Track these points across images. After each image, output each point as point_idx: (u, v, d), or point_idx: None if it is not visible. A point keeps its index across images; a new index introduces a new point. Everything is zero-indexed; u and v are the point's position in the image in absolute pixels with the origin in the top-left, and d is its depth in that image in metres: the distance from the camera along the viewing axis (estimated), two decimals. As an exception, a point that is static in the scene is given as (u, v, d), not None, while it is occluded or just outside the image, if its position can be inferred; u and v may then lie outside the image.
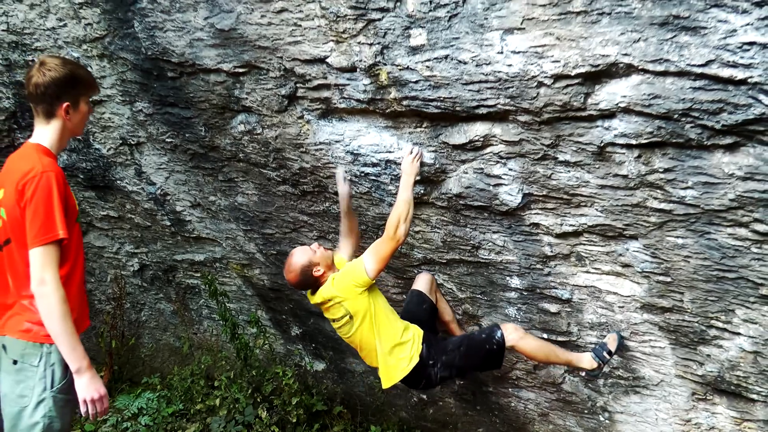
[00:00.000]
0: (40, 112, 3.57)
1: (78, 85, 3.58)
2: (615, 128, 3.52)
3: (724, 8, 2.93)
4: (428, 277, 5.07)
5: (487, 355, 4.65)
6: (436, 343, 4.73)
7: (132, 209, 6.51)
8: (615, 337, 4.62)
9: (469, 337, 4.75)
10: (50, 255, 3.32)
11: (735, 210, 3.49)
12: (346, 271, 4.43)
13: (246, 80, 4.62)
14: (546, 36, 3.40)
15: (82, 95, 3.63)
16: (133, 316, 7.74)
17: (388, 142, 4.42)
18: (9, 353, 3.53)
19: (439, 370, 4.66)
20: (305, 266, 4.47)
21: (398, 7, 3.74)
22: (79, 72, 3.62)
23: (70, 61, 3.67)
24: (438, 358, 4.64)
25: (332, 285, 4.42)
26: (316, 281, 4.53)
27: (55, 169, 3.46)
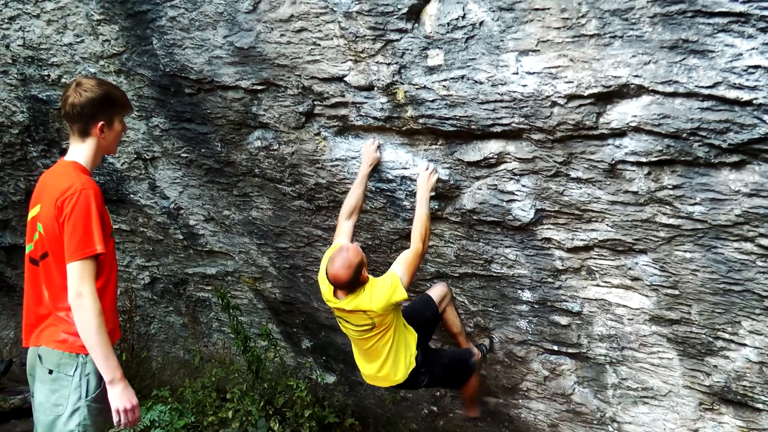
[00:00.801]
0: (76, 130, 3.65)
1: (113, 105, 3.67)
2: (626, 146, 3.62)
3: (731, 33, 3.02)
4: (444, 288, 5.11)
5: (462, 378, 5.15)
6: (427, 350, 4.93)
7: (144, 223, 6.56)
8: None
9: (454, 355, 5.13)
10: (88, 269, 3.40)
11: (741, 225, 3.58)
12: (385, 287, 4.38)
13: (264, 97, 4.70)
14: (560, 57, 3.50)
15: (116, 114, 3.70)
16: (143, 329, 7.76)
17: (403, 158, 4.51)
18: (45, 363, 3.58)
19: (427, 379, 4.90)
20: (360, 265, 4.34)
21: (416, 28, 3.84)
22: (114, 92, 3.71)
23: (105, 82, 3.76)
24: (430, 366, 4.85)
25: (370, 300, 4.38)
26: (361, 282, 4.42)
27: (93, 186, 3.55)
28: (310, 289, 6.08)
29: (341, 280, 4.33)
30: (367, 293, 4.40)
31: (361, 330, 4.57)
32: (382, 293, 4.38)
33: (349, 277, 4.30)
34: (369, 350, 4.70)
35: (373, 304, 4.37)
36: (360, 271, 4.33)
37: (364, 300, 4.40)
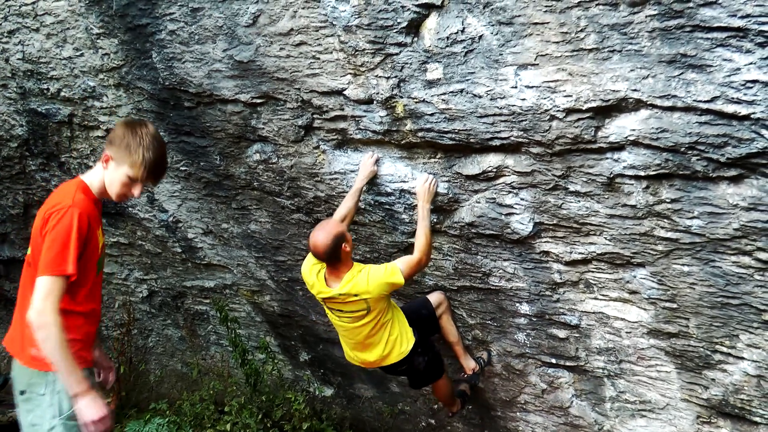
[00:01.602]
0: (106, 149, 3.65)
1: (128, 152, 3.53)
2: (624, 160, 3.64)
3: (729, 48, 3.05)
4: (441, 296, 5.16)
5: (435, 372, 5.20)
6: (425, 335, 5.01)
7: (143, 236, 6.56)
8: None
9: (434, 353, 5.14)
10: (55, 287, 3.32)
11: (739, 239, 3.59)
12: (382, 273, 4.43)
13: (263, 111, 4.72)
14: (559, 71, 3.52)
15: (124, 162, 3.55)
16: (141, 342, 7.75)
17: (402, 172, 4.53)
18: (17, 384, 3.56)
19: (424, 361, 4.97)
20: (340, 236, 4.34)
21: (416, 42, 3.87)
22: (140, 150, 3.53)
23: (150, 140, 3.57)
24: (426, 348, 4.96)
25: (367, 281, 4.41)
26: (339, 257, 4.41)
27: (84, 207, 3.49)
28: (309, 302, 6.08)
29: (319, 249, 4.34)
30: (362, 278, 4.43)
31: (356, 317, 4.58)
32: (378, 275, 4.43)
33: (328, 244, 4.31)
34: (368, 336, 4.70)
35: (369, 285, 4.41)
36: (340, 243, 4.35)
37: (360, 282, 4.42)
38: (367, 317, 4.57)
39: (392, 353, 4.79)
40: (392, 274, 4.42)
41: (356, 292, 4.44)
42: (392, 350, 4.77)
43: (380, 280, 4.42)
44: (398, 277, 4.42)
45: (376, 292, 4.43)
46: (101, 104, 5.46)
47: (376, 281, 4.42)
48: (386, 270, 4.44)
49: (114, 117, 5.48)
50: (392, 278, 4.42)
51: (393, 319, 4.72)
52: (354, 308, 4.53)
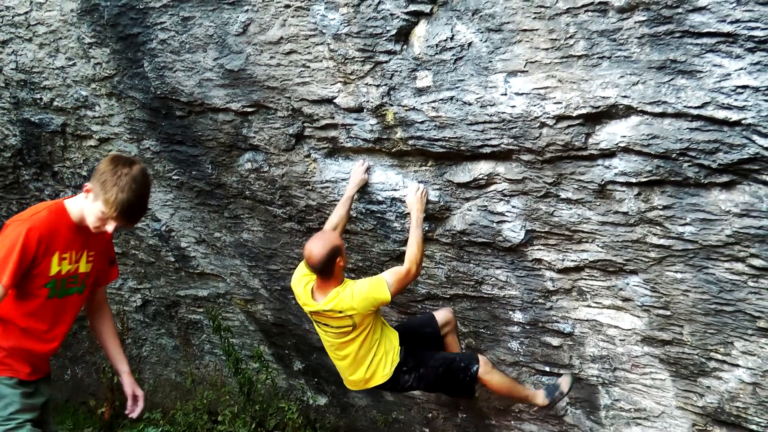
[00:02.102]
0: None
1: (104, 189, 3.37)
2: (615, 167, 3.62)
3: (719, 53, 3.04)
4: (450, 315, 5.03)
5: (459, 384, 4.80)
6: (414, 351, 4.78)
7: (136, 245, 6.55)
8: (569, 380, 4.83)
9: (449, 362, 4.79)
10: None
11: (732, 245, 3.58)
12: (367, 288, 4.31)
13: (254, 119, 4.71)
14: (548, 78, 3.51)
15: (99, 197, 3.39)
16: (135, 351, 7.73)
17: (393, 180, 4.51)
18: None
19: (413, 380, 4.75)
20: (337, 249, 4.27)
21: (405, 50, 3.86)
22: (115, 191, 3.35)
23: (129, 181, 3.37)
24: (414, 368, 4.72)
25: (352, 297, 4.30)
26: (332, 271, 4.32)
27: (41, 227, 3.42)
28: (302, 311, 6.01)
29: (314, 259, 4.25)
30: (348, 292, 4.33)
31: (342, 332, 4.50)
32: (363, 290, 4.31)
33: (323, 255, 4.22)
34: (353, 354, 4.61)
35: (354, 301, 4.30)
36: (335, 256, 4.26)
37: (345, 299, 4.32)
38: (352, 334, 4.47)
39: (375, 376, 4.68)
40: (377, 289, 4.30)
41: (341, 309, 4.35)
42: (375, 373, 4.66)
43: (365, 294, 4.30)
44: (384, 292, 4.29)
45: (361, 308, 4.32)
46: (94, 114, 5.46)
47: (360, 296, 4.30)
48: (371, 285, 4.31)
49: (106, 126, 5.47)
50: (377, 293, 4.30)
51: (381, 338, 4.60)
52: (339, 324, 4.45)
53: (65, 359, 8.14)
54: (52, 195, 6.44)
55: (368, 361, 4.61)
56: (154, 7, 4.50)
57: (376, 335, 4.55)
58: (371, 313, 4.41)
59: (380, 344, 4.59)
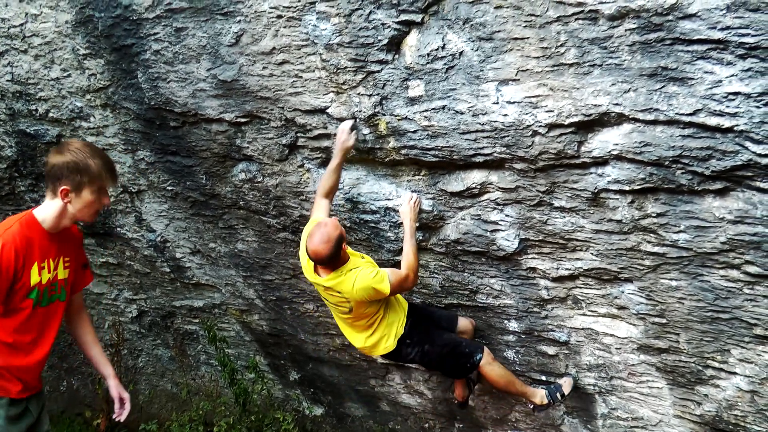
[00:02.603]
0: (47, 187, 3.53)
1: (82, 174, 3.45)
2: (608, 175, 3.61)
3: (710, 60, 3.04)
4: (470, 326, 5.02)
5: (459, 368, 4.81)
6: (423, 327, 4.76)
7: (131, 256, 6.54)
8: (570, 382, 4.83)
9: (455, 345, 4.76)
10: None
11: (727, 252, 3.57)
12: (370, 279, 4.23)
13: (247, 130, 4.70)
14: (540, 87, 3.51)
15: (85, 184, 3.47)
16: (131, 362, 7.71)
17: (387, 189, 4.51)
18: None
19: (415, 354, 4.73)
20: (339, 239, 4.17)
21: (397, 59, 3.85)
22: (89, 161, 3.46)
23: (88, 150, 3.51)
24: (418, 342, 4.70)
25: (352, 287, 4.23)
26: (339, 257, 4.24)
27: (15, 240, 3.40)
28: (297, 322, 6.06)
29: (321, 256, 4.17)
30: (350, 279, 4.26)
31: (341, 310, 4.48)
32: (365, 279, 4.23)
33: (329, 251, 4.14)
34: (354, 324, 4.59)
35: (354, 288, 4.24)
36: (339, 246, 4.18)
37: (346, 285, 4.26)
38: (349, 314, 4.46)
39: (377, 346, 4.65)
40: (380, 281, 4.24)
41: (339, 290, 4.31)
42: (377, 343, 4.63)
43: (365, 284, 4.23)
44: (385, 285, 4.25)
45: (359, 296, 4.27)
46: (88, 125, 5.45)
47: (361, 285, 4.23)
48: (374, 277, 4.24)
49: (101, 137, 5.46)
50: (379, 284, 4.24)
51: (385, 312, 4.56)
52: (337, 302, 4.42)
53: (61, 370, 8.12)
54: (48, 206, 6.43)
55: (369, 332, 4.60)
56: (148, 18, 4.50)
57: (377, 311, 4.51)
58: (365, 302, 4.36)
59: (383, 318, 4.56)
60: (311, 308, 5.83)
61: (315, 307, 5.80)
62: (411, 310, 4.75)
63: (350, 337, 4.73)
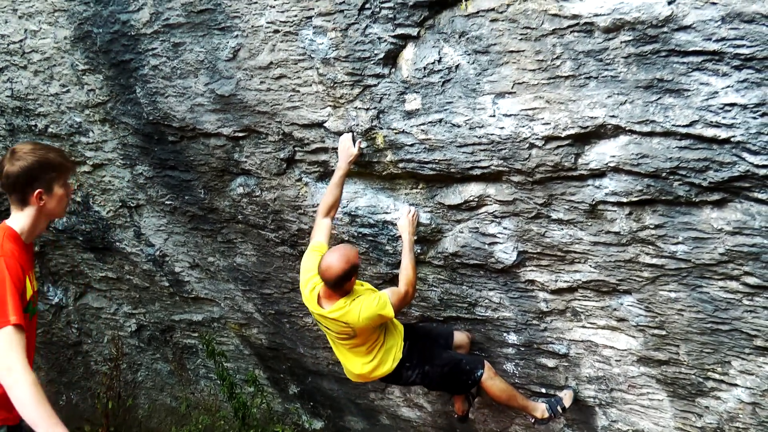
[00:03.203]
0: (14, 200, 3.42)
1: (49, 170, 3.40)
2: (606, 187, 3.61)
3: (706, 72, 3.03)
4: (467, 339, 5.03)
5: (461, 385, 4.82)
6: (421, 348, 4.74)
7: (131, 270, 6.54)
8: (571, 394, 4.83)
9: (456, 363, 4.76)
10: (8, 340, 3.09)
11: (725, 264, 3.56)
12: (374, 306, 4.22)
13: (245, 144, 4.71)
14: (536, 99, 3.51)
15: (55, 180, 3.42)
16: (130, 376, 7.70)
17: (384, 203, 4.51)
18: None
19: (416, 376, 4.72)
20: (355, 267, 4.15)
21: (393, 73, 3.86)
22: (49, 156, 3.42)
23: (40, 147, 3.48)
24: (418, 364, 4.69)
25: (358, 316, 4.20)
26: (343, 287, 4.21)
27: (12, 255, 3.30)
28: (296, 335, 6.05)
29: (332, 273, 4.10)
30: (355, 309, 4.22)
31: (341, 338, 4.46)
32: (370, 308, 4.22)
33: (342, 272, 4.09)
34: (353, 350, 4.57)
35: (360, 319, 4.22)
36: (352, 273, 4.16)
37: (352, 315, 4.22)
38: (350, 341, 4.45)
39: (376, 371, 4.63)
40: (383, 306, 4.24)
41: (345, 321, 4.29)
42: (376, 368, 4.61)
43: (370, 313, 4.24)
44: (388, 309, 4.26)
45: (364, 325, 4.28)
46: (87, 140, 5.47)
47: (366, 314, 4.24)
48: (379, 301, 4.25)
49: (100, 152, 5.48)
50: (383, 310, 4.24)
51: (383, 337, 4.55)
52: (340, 330, 4.39)
53: (60, 385, 8.11)
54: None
55: (369, 358, 4.58)
56: (146, 33, 4.52)
57: (378, 337, 4.51)
58: (370, 328, 4.36)
59: (383, 343, 4.55)
60: (310, 322, 5.82)
61: (314, 321, 5.77)
62: (408, 332, 4.74)
63: (349, 363, 4.69)
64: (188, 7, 4.26)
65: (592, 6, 3.15)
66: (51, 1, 4.77)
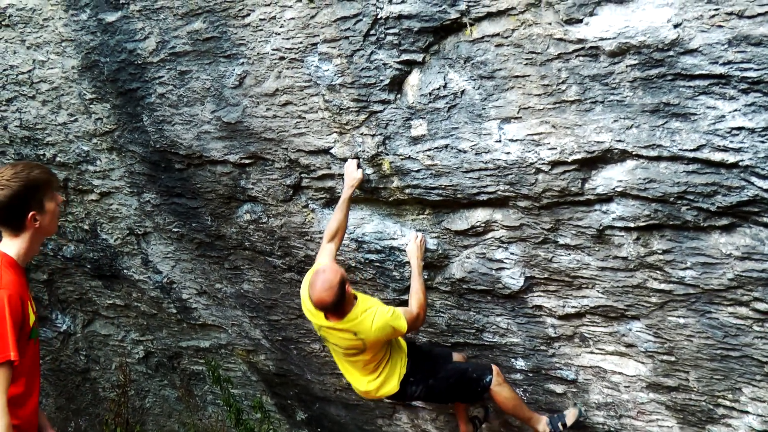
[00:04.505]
0: (7, 228, 3.35)
1: (37, 189, 3.31)
2: (613, 212, 3.59)
3: (713, 95, 3.02)
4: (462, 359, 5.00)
5: (471, 393, 4.74)
6: (423, 363, 4.70)
7: (138, 297, 6.54)
8: (575, 413, 4.75)
9: (461, 372, 4.71)
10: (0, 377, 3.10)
11: (734, 289, 3.52)
12: (388, 318, 4.17)
13: (252, 171, 4.72)
14: (542, 124, 3.50)
15: (44, 197, 3.35)
16: (138, 403, 7.68)
17: (391, 229, 4.50)
18: None
19: (420, 391, 4.67)
20: (342, 283, 4.05)
21: (399, 99, 3.87)
22: (33, 175, 3.30)
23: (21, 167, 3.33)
24: (422, 379, 4.64)
25: (371, 326, 4.15)
26: (345, 300, 4.11)
27: (15, 286, 3.26)
28: (303, 361, 6.02)
29: (326, 303, 4.05)
30: (368, 319, 4.17)
31: (350, 353, 4.40)
32: (384, 318, 4.17)
33: (333, 297, 4.02)
34: (360, 367, 4.52)
35: (372, 330, 4.17)
36: (343, 290, 4.06)
37: (364, 325, 4.17)
38: (359, 356, 4.39)
39: (382, 388, 4.59)
40: (397, 319, 4.19)
41: (356, 331, 4.21)
42: (382, 385, 4.57)
43: (384, 322, 4.17)
44: (402, 322, 4.20)
45: (375, 336, 4.21)
46: (95, 168, 5.50)
47: (379, 324, 4.17)
48: (393, 313, 4.20)
49: (107, 180, 5.51)
50: (396, 322, 4.19)
51: (389, 353, 4.51)
52: (349, 345, 4.32)
53: (68, 411, 8.09)
54: (56, 249, 6.46)
55: (375, 375, 4.53)
56: (152, 62, 4.56)
57: (385, 353, 4.48)
58: (381, 341, 4.32)
59: (390, 359, 4.52)
60: (317, 348, 5.80)
61: (321, 347, 5.76)
62: (410, 350, 4.70)
63: (354, 380, 4.65)
64: (194, 35, 4.30)
65: (597, 30, 3.15)
66: (59, 32, 4.81)
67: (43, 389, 7.77)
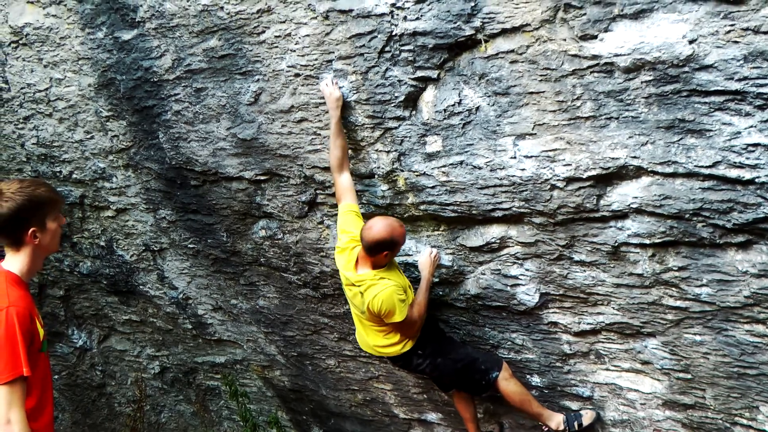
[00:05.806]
0: (7, 242, 3.35)
1: (40, 207, 3.31)
2: (628, 228, 3.58)
3: (728, 111, 3.02)
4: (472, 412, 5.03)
5: (474, 385, 4.71)
6: (436, 339, 4.67)
7: (154, 313, 6.56)
8: (592, 415, 4.70)
9: (471, 360, 4.66)
10: (15, 393, 3.11)
11: (751, 307, 3.50)
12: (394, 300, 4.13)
13: (267, 187, 4.74)
14: (557, 140, 3.51)
15: (47, 215, 3.34)
16: (153, 418, 7.68)
17: (406, 245, 4.49)
18: None
19: (426, 366, 4.64)
20: (392, 243, 4.03)
21: (414, 115, 3.88)
22: (38, 192, 3.31)
23: (27, 183, 3.35)
24: (431, 354, 4.61)
25: (374, 296, 4.12)
26: (374, 255, 4.10)
27: (21, 303, 3.25)
28: (319, 377, 6.01)
29: (371, 235, 4.00)
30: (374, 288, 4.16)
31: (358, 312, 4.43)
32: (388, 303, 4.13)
33: (380, 238, 3.99)
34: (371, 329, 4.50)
35: (374, 300, 4.14)
36: (390, 246, 4.04)
37: (370, 291, 4.15)
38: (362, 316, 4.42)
39: (386, 350, 4.57)
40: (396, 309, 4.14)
41: (362, 292, 4.20)
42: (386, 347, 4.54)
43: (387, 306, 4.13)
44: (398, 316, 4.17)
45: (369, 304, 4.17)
46: (111, 185, 5.53)
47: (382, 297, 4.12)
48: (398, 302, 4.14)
49: (123, 197, 5.54)
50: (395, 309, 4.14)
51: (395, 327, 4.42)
52: (357, 303, 4.32)
53: (85, 426, 8.10)
54: (72, 265, 6.49)
55: (380, 336, 4.51)
56: (168, 79, 4.59)
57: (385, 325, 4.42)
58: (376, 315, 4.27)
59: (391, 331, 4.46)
60: (332, 363, 5.79)
61: (336, 363, 5.76)
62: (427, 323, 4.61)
63: (362, 337, 4.66)
64: (210, 52, 4.33)
65: (612, 46, 3.16)
66: (75, 50, 4.85)
67: (59, 404, 7.80)
